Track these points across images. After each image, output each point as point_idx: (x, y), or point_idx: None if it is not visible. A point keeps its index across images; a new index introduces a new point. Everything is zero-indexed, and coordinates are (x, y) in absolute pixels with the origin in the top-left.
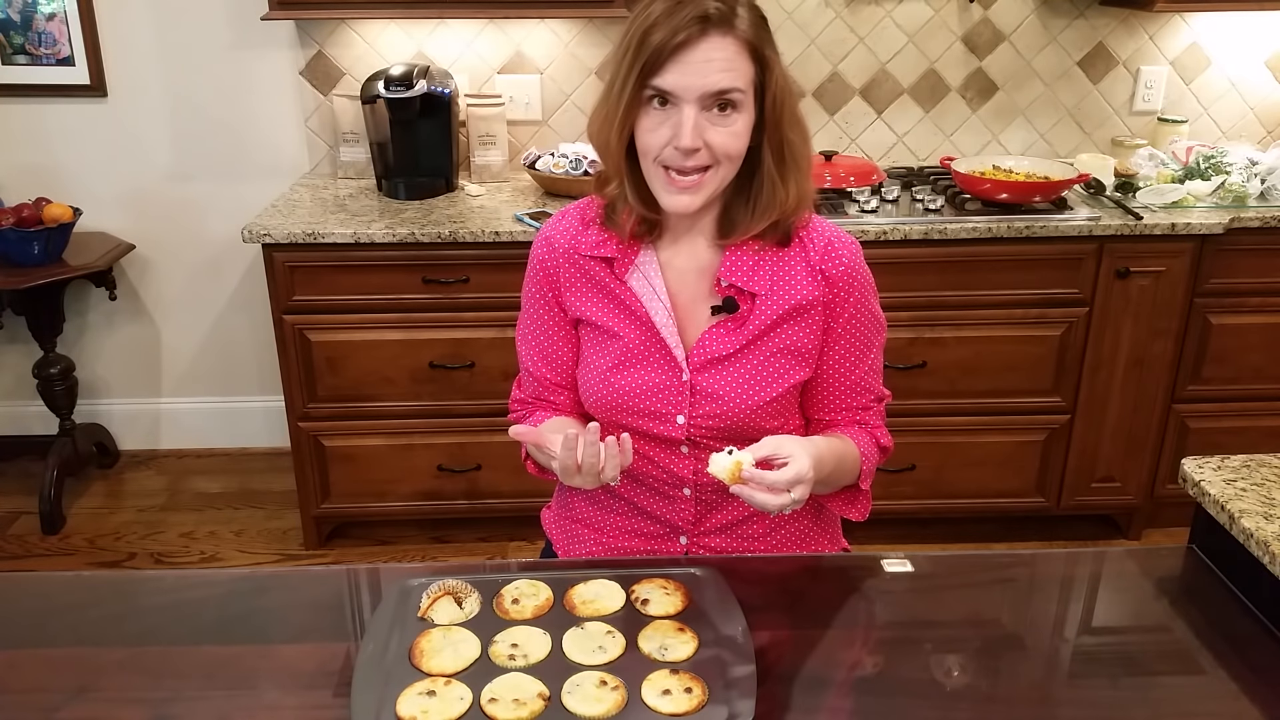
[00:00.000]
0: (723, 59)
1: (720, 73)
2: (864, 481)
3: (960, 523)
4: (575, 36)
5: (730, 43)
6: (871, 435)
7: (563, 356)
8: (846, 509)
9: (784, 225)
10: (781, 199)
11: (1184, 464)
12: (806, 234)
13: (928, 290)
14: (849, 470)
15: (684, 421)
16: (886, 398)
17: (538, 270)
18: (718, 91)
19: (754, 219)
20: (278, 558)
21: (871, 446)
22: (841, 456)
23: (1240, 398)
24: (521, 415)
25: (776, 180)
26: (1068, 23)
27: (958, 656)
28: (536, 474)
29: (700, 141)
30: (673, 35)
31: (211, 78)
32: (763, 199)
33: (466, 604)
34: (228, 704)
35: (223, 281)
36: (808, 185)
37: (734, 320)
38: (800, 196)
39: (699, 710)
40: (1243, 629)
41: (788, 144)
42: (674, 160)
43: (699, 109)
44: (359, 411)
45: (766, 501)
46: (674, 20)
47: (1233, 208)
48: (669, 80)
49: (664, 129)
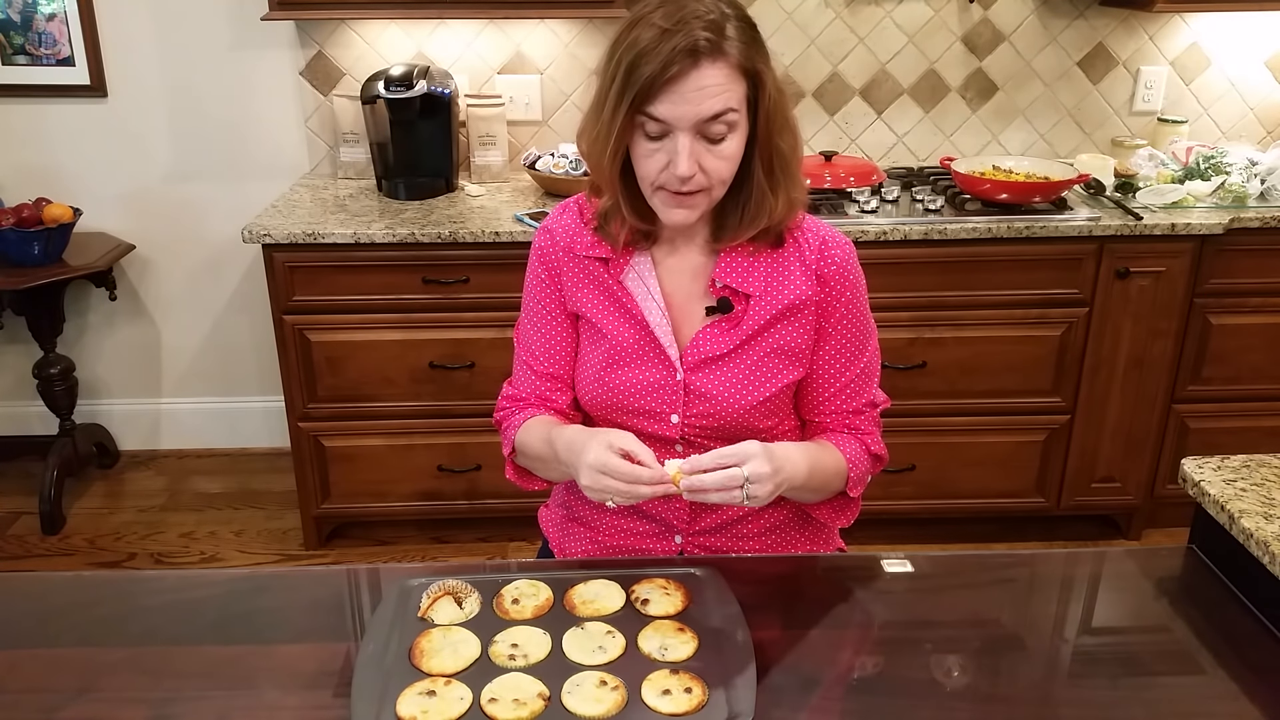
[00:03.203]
0: (715, 85)
1: (713, 99)
2: (852, 489)
3: (960, 523)
4: (575, 36)
5: (721, 68)
6: (861, 443)
7: (564, 350)
8: (834, 517)
9: (775, 230)
10: (770, 206)
11: (1184, 464)
12: (801, 234)
13: (927, 290)
14: (832, 476)
15: (678, 420)
16: (882, 404)
17: (540, 261)
18: (712, 116)
19: (743, 225)
20: (278, 558)
21: (861, 454)
22: (819, 461)
23: (1240, 398)
24: (510, 412)
25: (766, 190)
26: (1068, 23)
27: (958, 656)
28: (514, 478)
29: (696, 168)
30: (664, 69)
31: (212, 78)
32: (751, 207)
33: (466, 604)
34: (228, 704)
35: (223, 282)
36: (797, 191)
37: (728, 320)
38: (790, 203)
39: (699, 710)
40: (1242, 629)
41: (777, 153)
42: (671, 184)
43: (693, 135)
44: (359, 412)
45: (724, 498)
46: (663, 52)
47: (1233, 208)
48: (662, 110)
49: (659, 155)
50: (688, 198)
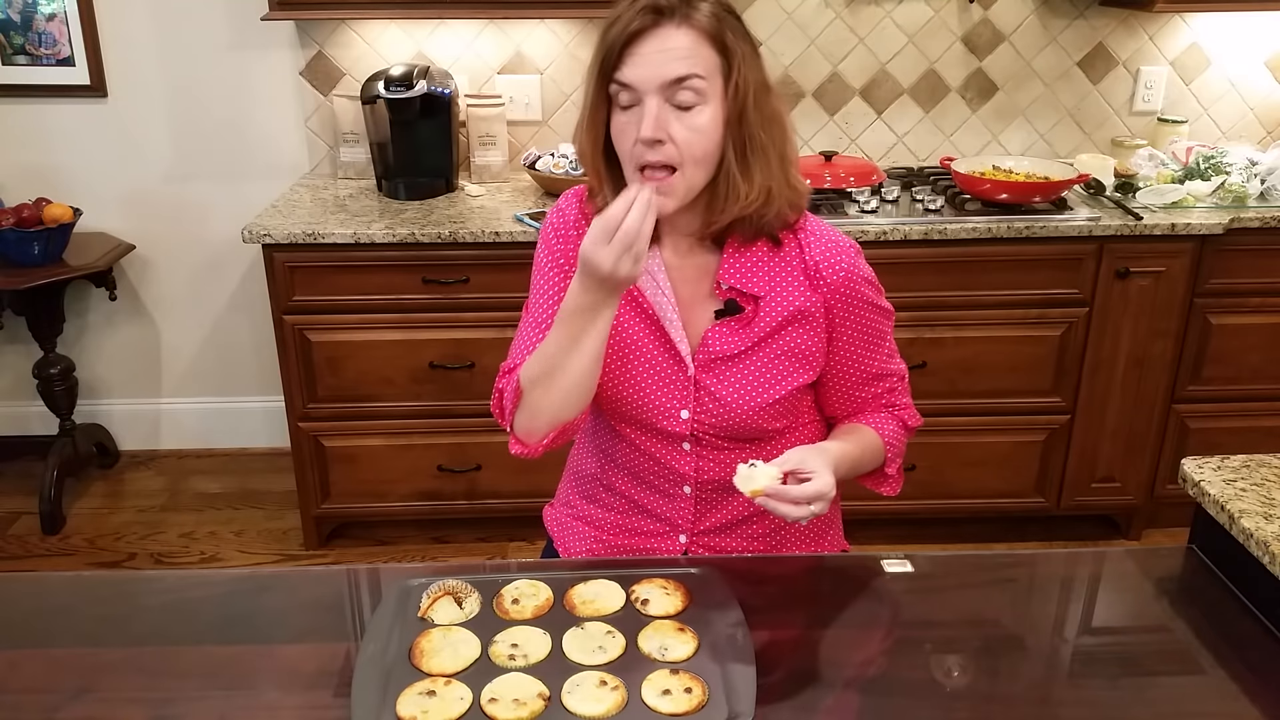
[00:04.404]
0: (679, 48)
1: (677, 60)
2: (890, 467)
3: (960, 523)
4: (575, 36)
5: (687, 33)
6: (898, 418)
7: None
8: (878, 485)
9: (759, 223)
10: (744, 193)
11: (1184, 464)
12: (804, 237)
13: (928, 290)
14: (869, 461)
15: (688, 417)
16: (906, 372)
17: (552, 242)
18: (676, 79)
19: (718, 212)
20: (278, 558)
21: (898, 431)
22: (858, 458)
23: (1240, 398)
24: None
25: (736, 174)
26: (1068, 23)
27: (958, 656)
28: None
29: (664, 133)
30: (626, 27)
31: (212, 78)
32: (723, 192)
33: (466, 604)
34: (228, 704)
35: (223, 282)
36: (782, 184)
37: (739, 321)
38: (769, 194)
39: (699, 710)
40: (1242, 629)
41: (752, 140)
42: (642, 156)
43: (661, 99)
44: (359, 412)
45: (789, 512)
46: (629, 13)
47: (1232, 208)
48: (627, 73)
49: (632, 127)
50: (660, 180)
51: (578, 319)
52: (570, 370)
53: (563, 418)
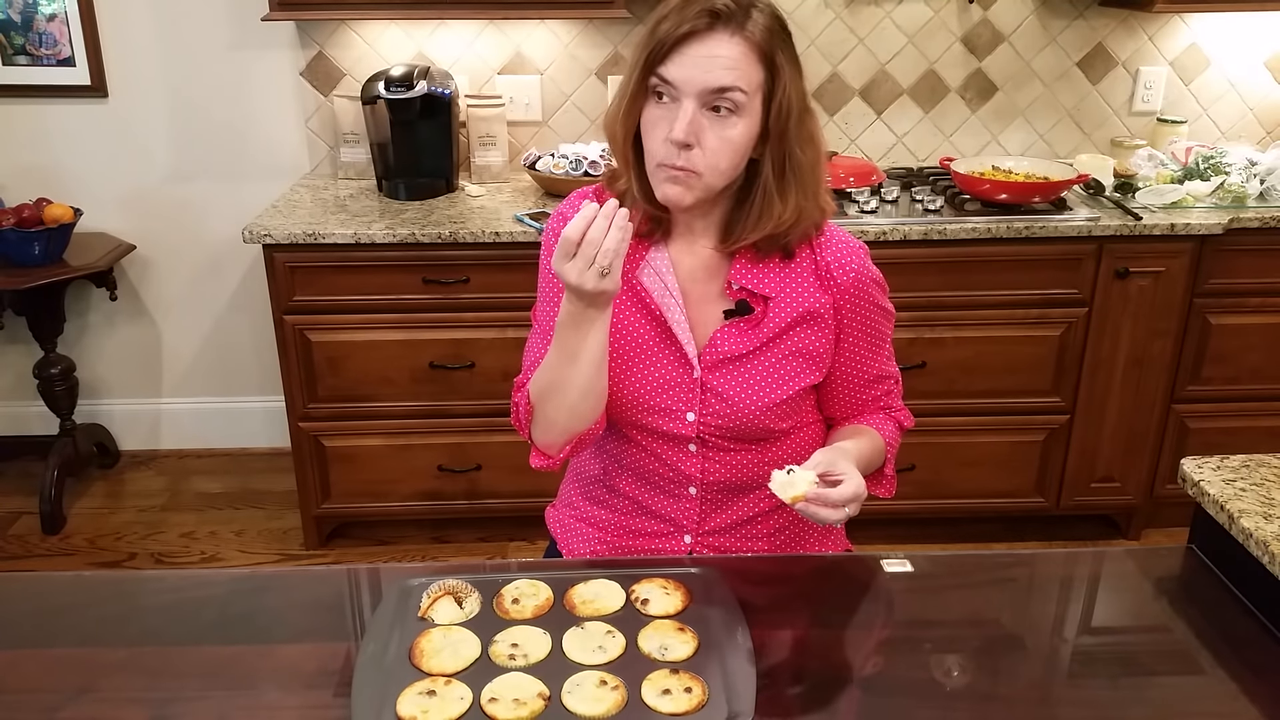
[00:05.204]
0: (728, 57)
1: (723, 70)
2: (888, 467)
3: (960, 523)
4: (575, 37)
5: (738, 43)
6: (895, 420)
7: None
8: (875, 487)
9: (782, 240)
10: (778, 212)
11: (1183, 464)
12: (815, 239)
13: (927, 290)
14: (875, 463)
15: (694, 419)
16: (900, 375)
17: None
18: (718, 89)
19: (748, 229)
20: (278, 558)
21: (895, 432)
22: (870, 458)
23: (1240, 398)
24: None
25: (774, 194)
26: (1067, 23)
27: (958, 656)
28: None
29: (694, 138)
30: (679, 25)
31: (212, 78)
32: (757, 210)
33: (466, 604)
34: (228, 704)
35: (223, 282)
36: (812, 205)
37: (747, 321)
38: (801, 213)
39: (699, 710)
40: (1242, 629)
41: (791, 158)
42: (667, 156)
43: (698, 104)
44: (359, 412)
45: (829, 515)
46: (684, 12)
47: (1232, 208)
48: (671, 71)
49: (664, 123)
50: (682, 174)
51: (570, 332)
52: (573, 383)
53: (576, 429)
